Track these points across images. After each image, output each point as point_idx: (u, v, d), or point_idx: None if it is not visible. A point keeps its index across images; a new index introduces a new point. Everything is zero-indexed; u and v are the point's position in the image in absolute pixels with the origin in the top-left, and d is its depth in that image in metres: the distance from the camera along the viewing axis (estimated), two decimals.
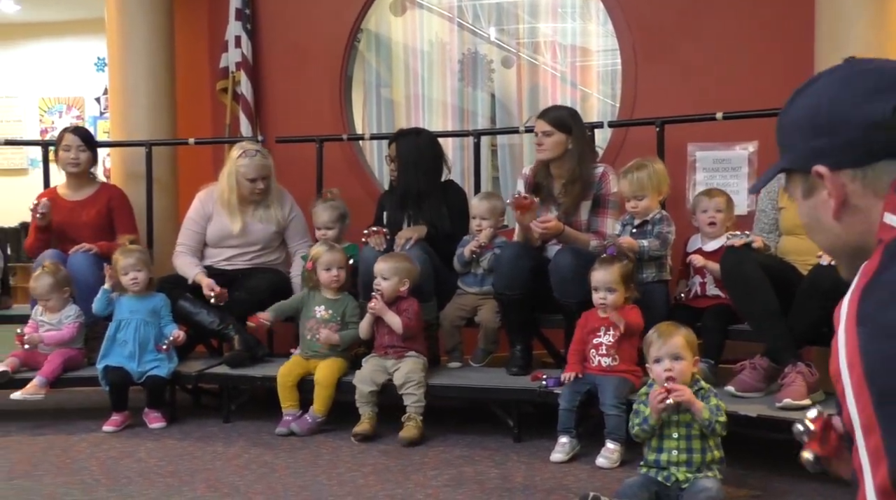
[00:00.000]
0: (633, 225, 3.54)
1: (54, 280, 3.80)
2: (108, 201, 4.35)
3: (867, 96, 1.07)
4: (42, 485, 2.90)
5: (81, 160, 4.31)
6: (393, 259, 3.59)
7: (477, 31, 5.76)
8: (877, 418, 0.92)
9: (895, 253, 1.00)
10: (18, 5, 7.81)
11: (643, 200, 3.49)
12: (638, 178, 3.48)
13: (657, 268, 3.51)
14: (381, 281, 3.53)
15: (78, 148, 4.30)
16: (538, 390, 3.39)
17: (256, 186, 4.09)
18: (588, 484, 2.85)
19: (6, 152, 8.36)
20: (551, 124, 3.66)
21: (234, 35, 5.12)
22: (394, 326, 3.52)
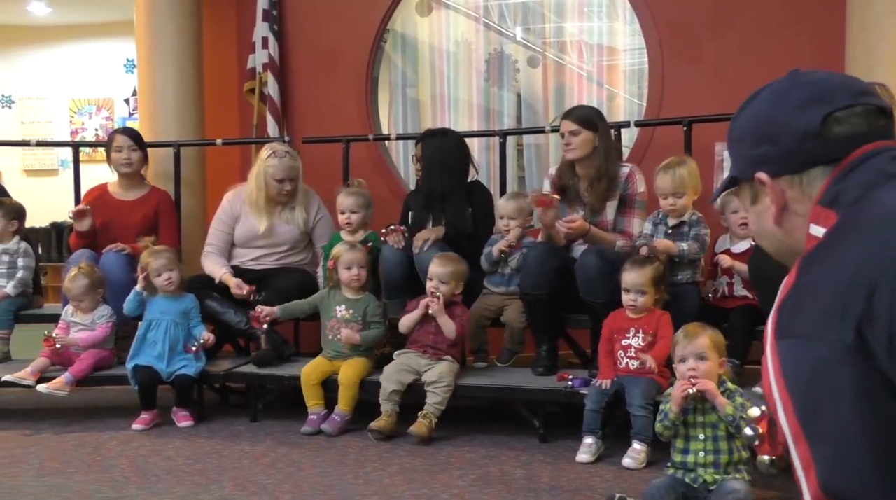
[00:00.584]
0: (668, 225, 3.50)
1: (90, 281, 3.84)
2: (156, 205, 4.40)
3: (802, 107, 1.13)
4: (73, 482, 2.93)
5: (133, 160, 4.36)
6: (450, 263, 3.55)
7: (503, 31, 5.75)
8: (801, 427, 0.95)
9: (808, 262, 1.03)
10: (50, 8, 7.91)
11: (682, 197, 3.45)
12: (680, 174, 3.44)
13: (692, 270, 3.48)
14: (439, 285, 3.52)
15: (129, 148, 4.36)
16: (564, 390, 3.39)
17: (284, 187, 4.12)
18: (614, 485, 2.84)
19: (37, 153, 8.46)
20: (578, 123, 3.65)
21: (262, 36, 5.15)
22: (446, 330, 3.52)
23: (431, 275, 3.54)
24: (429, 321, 3.57)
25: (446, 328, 3.52)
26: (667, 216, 3.51)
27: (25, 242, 4.33)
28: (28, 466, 3.13)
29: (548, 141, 5.49)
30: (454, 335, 3.54)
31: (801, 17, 4.21)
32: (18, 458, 3.24)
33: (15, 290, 4.18)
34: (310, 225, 4.24)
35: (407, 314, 3.61)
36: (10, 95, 8.56)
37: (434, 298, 3.50)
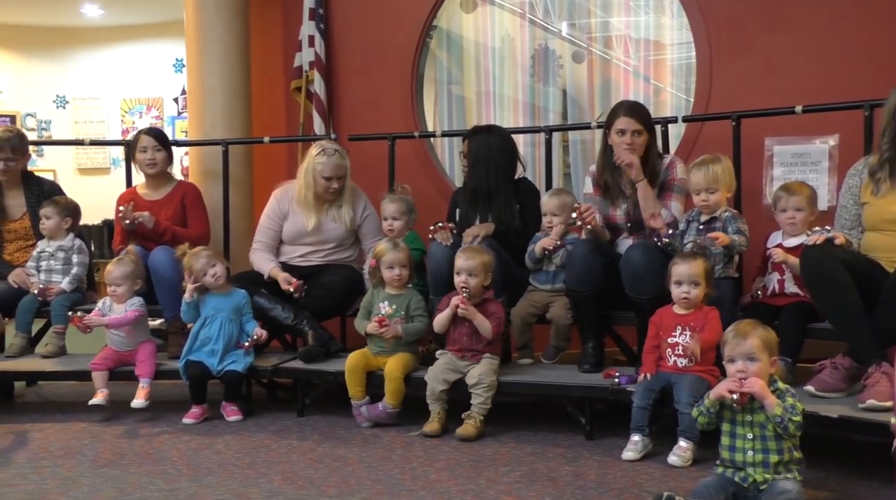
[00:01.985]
0: (700, 222, 3.48)
1: (131, 269, 3.89)
2: (182, 198, 4.47)
3: None
4: (127, 474, 2.99)
5: (158, 160, 4.44)
6: (476, 255, 3.52)
7: (548, 27, 5.73)
8: None
9: None
10: (102, 10, 8.08)
11: (714, 194, 3.44)
12: (713, 171, 3.44)
13: (725, 264, 3.42)
14: (468, 279, 3.52)
15: (154, 148, 4.43)
16: (611, 387, 3.37)
17: (331, 184, 4.16)
18: (662, 483, 2.82)
19: (90, 152, 8.66)
20: (643, 124, 3.63)
21: (308, 35, 5.21)
22: (483, 330, 3.51)
23: (459, 269, 3.53)
24: (463, 321, 3.55)
25: (482, 328, 3.51)
26: (700, 214, 3.49)
27: (79, 239, 4.41)
28: (83, 457, 3.20)
29: (593, 137, 5.44)
30: (491, 335, 3.53)
31: (856, 7, 4.12)
32: (74, 450, 3.31)
33: (70, 285, 4.27)
34: (357, 222, 4.28)
35: (439, 313, 3.60)
36: (64, 95, 8.76)
37: (462, 299, 3.48)
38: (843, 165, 4.00)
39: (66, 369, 4.03)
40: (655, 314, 3.28)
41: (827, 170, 4.01)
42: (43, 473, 3.01)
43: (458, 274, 3.53)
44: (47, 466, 3.09)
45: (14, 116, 8.63)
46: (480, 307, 3.54)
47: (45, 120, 8.76)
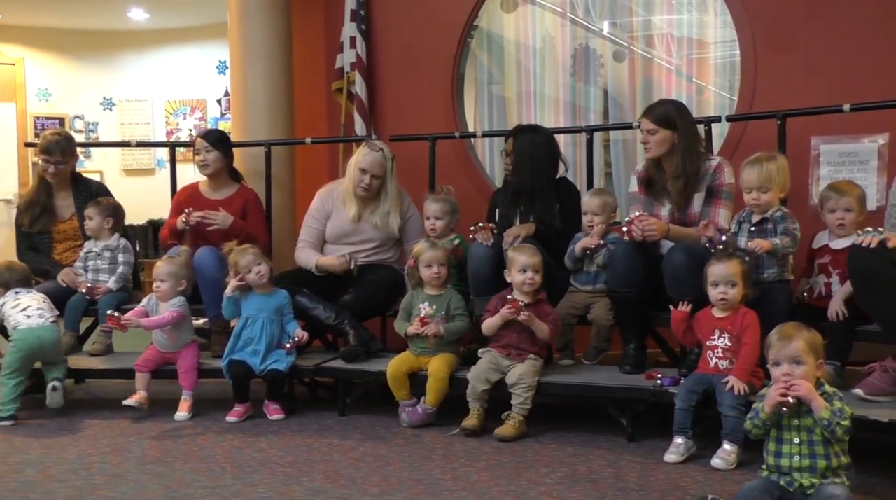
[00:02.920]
0: (752, 222, 3.40)
1: (177, 269, 3.93)
2: (243, 204, 4.52)
3: None
4: (173, 471, 3.04)
5: (209, 161, 4.49)
6: (535, 252, 3.52)
7: (589, 26, 5.70)
8: None
9: None
10: (148, 14, 8.20)
11: (767, 193, 3.33)
12: (767, 169, 3.32)
13: (779, 267, 3.35)
14: (534, 276, 3.49)
15: (205, 149, 4.49)
16: (652, 389, 3.34)
17: (364, 178, 4.18)
18: (705, 486, 2.79)
19: (135, 153, 8.79)
20: (655, 122, 3.61)
21: (349, 36, 5.24)
22: (541, 333, 3.51)
23: (524, 266, 3.52)
24: (514, 322, 3.54)
25: (541, 333, 3.51)
26: (751, 214, 3.41)
27: (125, 239, 4.49)
28: (130, 454, 3.26)
29: (634, 137, 5.40)
30: (548, 337, 3.53)
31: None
32: (121, 446, 3.37)
33: (116, 284, 4.35)
34: (400, 223, 4.29)
35: (490, 317, 3.58)
36: (111, 97, 8.91)
37: (517, 306, 3.46)
38: (893, 164, 3.93)
39: (113, 367, 4.11)
40: (694, 319, 3.25)
41: (876, 169, 3.94)
42: (91, 469, 3.07)
43: (524, 271, 3.52)
44: (95, 462, 3.15)
45: (63, 119, 8.80)
46: (536, 308, 3.54)
47: (92, 122, 8.91)
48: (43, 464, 3.13)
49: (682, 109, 3.71)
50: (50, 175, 4.54)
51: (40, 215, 4.55)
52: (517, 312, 3.45)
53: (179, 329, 3.94)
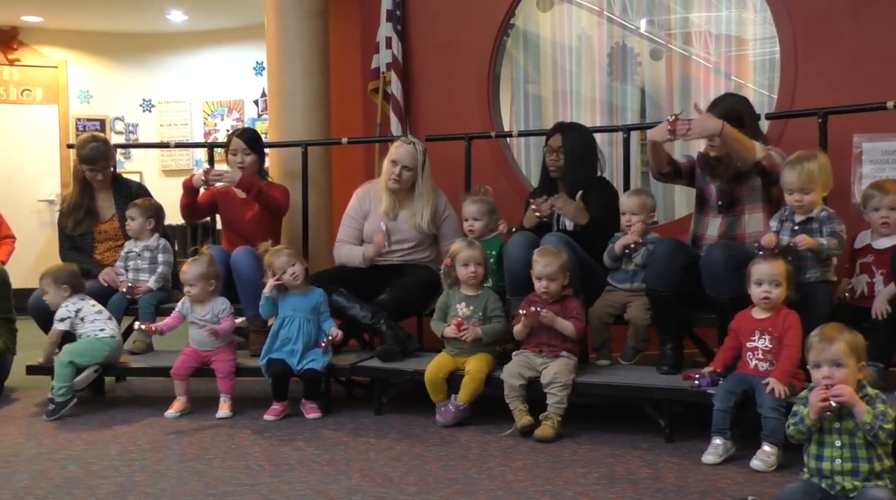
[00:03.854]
0: (795, 222, 3.34)
1: (206, 270, 3.95)
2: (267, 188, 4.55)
3: None
4: (212, 468, 3.07)
5: (247, 163, 4.53)
6: (555, 258, 3.52)
7: (625, 24, 5.67)
8: None
9: None
10: (186, 16, 8.29)
11: (809, 194, 3.27)
12: (808, 169, 3.26)
13: (822, 268, 3.30)
14: (549, 284, 3.50)
15: (243, 152, 4.53)
16: (690, 389, 3.31)
17: (394, 170, 4.20)
18: (744, 488, 2.76)
19: (174, 154, 8.89)
20: (723, 117, 3.54)
21: (385, 36, 5.26)
22: (566, 331, 3.50)
23: (539, 275, 3.51)
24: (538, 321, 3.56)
25: (566, 330, 3.50)
26: (793, 213, 3.35)
27: (164, 239, 4.54)
28: (170, 451, 3.30)
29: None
30: (575, 334, 3.52)
31: None
32: (161, 444, 3.42)
33: (156, 284, 4.40)
34: (437, 222, 4.30)
35: (517, 323, 3.57)
36: (150, 99, 9.02)
37: (529, 313, 3.46)
38: None
39: (153, 365, 4.16)
40: (734, 320, 3.21)
41: None
42: (132, 465, 3.11)
43: (539, 280, 3.52)
44: (136, 459, 3.20)
45: (104, 120, 8.92)
46: (560, 305, 3.53)
47: (132, 123, 9.03)
48: (85, 460, 3.18)
49: (747, 104, 3.69)
50: (98, 182, 4.62)
51: (83, 218, 4.62)
52: (530, 316, 3.45)
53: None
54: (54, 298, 4.05)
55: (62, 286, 4.06)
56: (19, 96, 8.77)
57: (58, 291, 4.05)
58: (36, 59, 8.79)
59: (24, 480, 2.96)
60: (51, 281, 4.06)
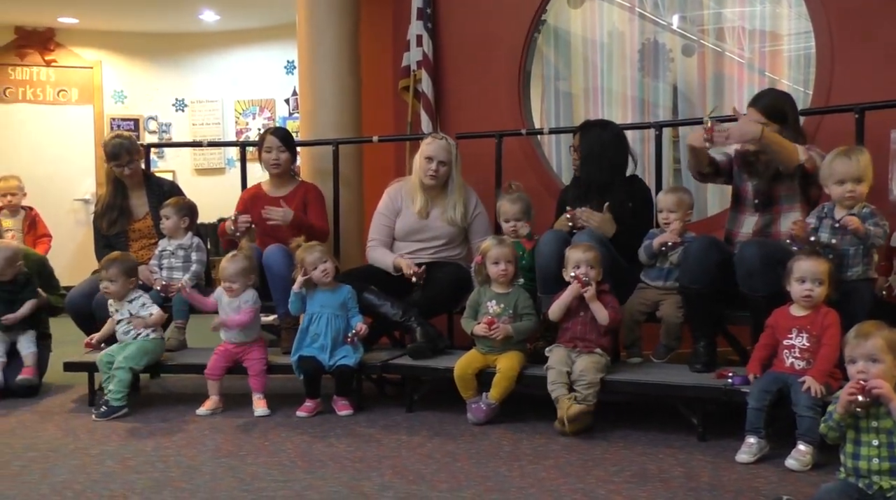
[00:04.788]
0: (835, 219, 3.27)
1: (244, 265, 3.98)
2: (303, 197, 4.59)
3: None
4: (245, 464, 3.10)
5: (282, 161, 4.57)
6: (590, 249, 3.53)
7: (657, 20, 5.62)
8: None
9: None
10: (218, 16, 8.37)
11: (860, 184, 3.19)
12: (860, 159, 3.20)
13: (864, 265, 3.24)
14: (588, 271, 3.50)
15: (278, 149, 4.57)
16: (724, 388, 3.28)
17: (430, 166, 4.21)
18: (779, 487, 2.73)
19: (206, 153, 8.98)
20: (765, 113, 3.51)
21: (416, 34, 5.27)
22: (600, 317, 3.50)
23: (578, 262, 3.52)
24: (578, 312, 3.55)
25: (599, 315, 3.50)
26: (833, 209, 3.30)
27: (198, 238, 4.58)
28: (205, 447, 3.34)
29: None
30: (608, 322, 3.50)
31: None
32: (196, 440, 3.45)
33: (189, 282, 4.43)
34: (468, 219, 4.31)
35: (556, 301, 3.58)
36: (182, 98, 9.11)
37: (582, 280, 3.47)
38: None
39: (187, 362, 4.20)
40: (772, 316, 3.18)
41: None
42: (168, 461, 3.15)
43: (578, 267, 3.51)
44: (171, 454, 3.23)
45: (137, 120, 9.03)
46: (599, 298, 3.54)
47: (165, 123, 9.13)
48: (122, 456, 3.23)
49: (791, 102, 3.65)
50: (126, 177, 4.67)
51: (117, 218, 4.67)
52: (582, 284, 3.46)
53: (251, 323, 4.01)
54: (122, 289, 4.05)
55: (130, 279, 4.10)
56: (55, 97, 8.90)
57: (126, 282, 4.07)
58: (71, 60, 8.92)
59: (62, 474, 3.00)
60: (119, 272, 4.04)
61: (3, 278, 4.32)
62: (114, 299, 4.08)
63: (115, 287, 4.04)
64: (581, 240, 3.66)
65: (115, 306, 4.07)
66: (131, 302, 4.07)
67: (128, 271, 4.08)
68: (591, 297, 3.50)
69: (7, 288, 4.34)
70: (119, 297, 4.06)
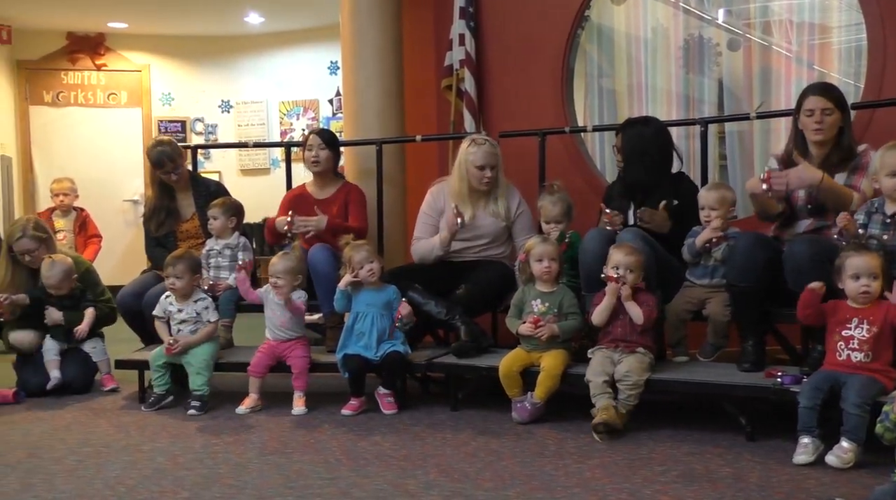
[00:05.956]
0: (886, 214, 3.20)
1: (294, 264, 4.01)
2: (345, 198, 4.62)
3: None
4: (291, 462, 3.13)
5: (321, 159, 4.61)
6: (633, 252, 3.52)
7: (701, 15, 5.55)
8: None
9: None
10: (263, 18, 8.46)
11: None
12: None
13: None
14: (626, 274, 3.49)
15: (318, 146, 4.61)
16: (773, 387, 3.23)
17: (485, 174, 4.20)
18: (831, 489, 2.68)
19: (251, 154, 9.08)
20: (833, 102, 3.45)
21: (459, 33, 5.27)
22: (634, 316, 3.49)
23: (618, 263, 3.50)
24: (618, 314, 3.54)
25: (633, 313, 3.49)
26: (883, 204, 3.23)
27: (244, 237, 4.63)
28: (252, 445, 3.37)
29: (751, 128, 5.24)
30: (642, 320, 3.48)
31: None
32: (243, 438, 3.49)
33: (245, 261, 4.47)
34: (511, 218, 4.30)
35: (596, 306, 3.57)
36: (228, 100, 9.23)
37: (621, 283, 3.46)
38: None
39: (234, 360, 4.25)
40: (829, 303, 3.11)
41: None
42: (216, 458, 3.19)
43: (617, 268, 3.49)
44: (220, 452, 3.28)
45: (184, 122, 9.17)
46: (636, 298, 3.52)
47: (211, 124, 9.26)
48: (171, 452, 3.28)
49: (842, 92, 3.59)
50: (174, 182, 4.74)
51: (165, 219, 4.74)
52: (618, 283, 3.46)
53: (295, 321, 4.04)
54: (188, 286, 4.11)
55: (195, 276, 4.17)
56: (106, 100, 9.08)
57: (192, 279, 4.13)
58: (121, 63, 9.09)
59: (115, 470, 3.06)
60: (186, 268, 4.10)
61: (60, 291, 4.42)
62: (177, 298, 4.13)
63: (182, 284, 4.09)
64: (625, 239, 3.64)
65: (179, 305, 4.13)
66: (196, 302, 4.13)
67: (193, 267, 4.15)
68: (627, 296, 3.49)
69: (66, 302, 4.44)
70: (184, 294, 4.12)
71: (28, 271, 4.50)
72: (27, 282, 4.48)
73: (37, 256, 4.45)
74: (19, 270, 4.49)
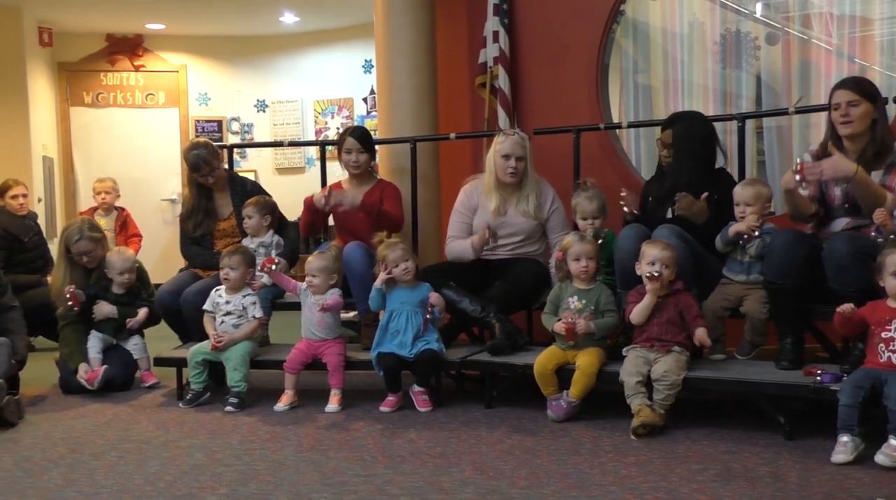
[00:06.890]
0: None
1: (329, 264, 4.04)
2: (381, 194, 4.63)
3: None
4: (327, 459, 3.15)
5: (361, 162, 4.63)
6: (667, 247, 3.49)
7: (739, 9, 5.49)
8: None
9: None
10: (298, 17, 8.51)
11: None
12: None
13: None
14: (662, 269, 3.46)
15: (357, 151, 4.61)
16: (812, 386, 3.19)
17: (509, 163, 4.19)
18: (873, 489, 2.64)
19: (287, 152, 9.16)
20: (858, 93, 3.40)
21: (492, 30, 5.26)
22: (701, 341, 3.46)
23: (653, 259, 3.47)
24: (654, 313, 3.51)
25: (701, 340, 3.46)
26: None
27: (278, 236, 4.66)
28: (288, 442, 3.40)
29: (790, 123, 5.17)
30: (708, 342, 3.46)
31: None
32: (279, 435, 3.52)
33: (271, 280, 4.52)
34: (543, 215, 4.28)
35: (631, 303, 3.55)
36: (264, 99, 9.31)
37: (654, 279, 3.43)
38: None
39: (270, 358, 4.28)
40: (867, 307, 3.07)
41: None
42: (253, 455, 3.23)
43: (653, 263, 3.46)
44: (256, 448, 3.31)
45: (220, 121, 9.27)
46: (673, 298, 3.50)
47: (247, 123, 9.35)
48: (209, 449, 3.32)
49: (874, 84, 3.53)
50: (211, 184, 4.78)
51: (203, 220, 4.78)
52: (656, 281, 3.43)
53: (331, 320, 4.06)
54: (241, 278, 4.19)
55: (249, 269, 4.23)
56: (144, 100, 9.21)
57: (246, 272, 4.20)
58: (158, 64, 9.21)
59: (154, 466, 3.11)
60: (241, 260, 4.18)
61: (127, 282, 4.52)
62: (228, 289, 4.19)
63: (236, 274, 4.17)
64: (660, 235, 3.61)
65: (227, 297, 4.19)
66: (245, 297, 4.19)
67: (248, 261, 4.23)
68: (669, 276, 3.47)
69: (123, 298, 4.52)
70: (235, 286, 4.18)
71: (83, 271, 4.59)
72: (82, 282, 4.56)
73: (93, 256, 4.55)
74: (76, 270, 4.58)
